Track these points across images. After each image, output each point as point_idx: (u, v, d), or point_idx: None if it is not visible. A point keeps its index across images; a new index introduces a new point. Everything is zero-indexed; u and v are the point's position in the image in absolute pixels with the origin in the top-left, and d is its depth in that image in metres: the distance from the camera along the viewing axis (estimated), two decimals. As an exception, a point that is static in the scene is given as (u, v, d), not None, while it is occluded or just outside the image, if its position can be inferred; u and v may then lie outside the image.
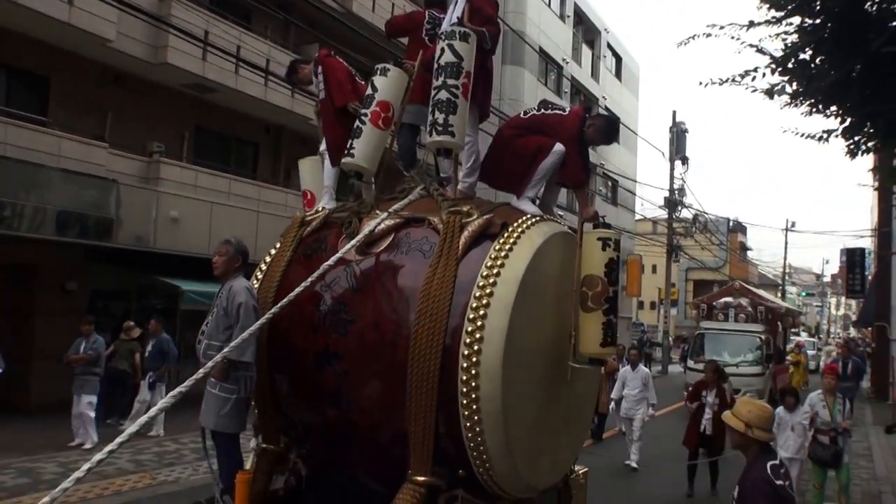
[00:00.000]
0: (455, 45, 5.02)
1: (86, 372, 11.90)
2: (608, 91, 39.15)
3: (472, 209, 5.04)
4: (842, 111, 9.41)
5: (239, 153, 20.30)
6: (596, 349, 5.09)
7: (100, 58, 15.30)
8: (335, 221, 5.50)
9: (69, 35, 13.99)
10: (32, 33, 13.99)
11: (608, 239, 5.19)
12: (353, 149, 5.29)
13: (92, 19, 13.73)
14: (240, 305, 4.86)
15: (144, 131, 16.68)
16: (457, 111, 4.99)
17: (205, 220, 15.28)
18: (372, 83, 5.44)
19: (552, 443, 5.42)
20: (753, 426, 4.57)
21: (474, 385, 4.44)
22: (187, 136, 18.11)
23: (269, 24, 19.00)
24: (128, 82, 16.28)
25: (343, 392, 4.88)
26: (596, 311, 5.08)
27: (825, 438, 9.56)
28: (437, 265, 4.71)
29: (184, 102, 17.53)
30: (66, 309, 14.53)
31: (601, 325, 5.07)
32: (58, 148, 13.56)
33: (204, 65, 16.10)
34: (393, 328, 4.77)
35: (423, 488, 4.58)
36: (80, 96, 15.52)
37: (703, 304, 23.95)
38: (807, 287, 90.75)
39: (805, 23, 8.83)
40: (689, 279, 61.02)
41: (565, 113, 5.71)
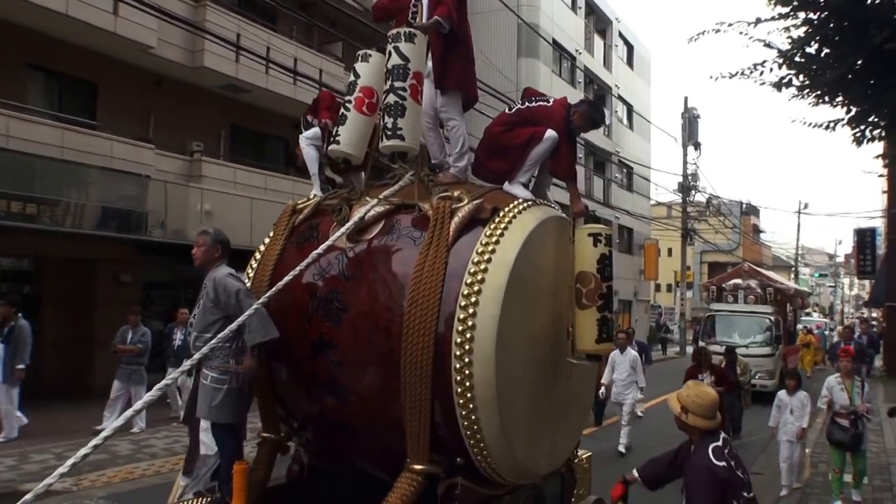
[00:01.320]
0: (401, 47, 4.93)
1: (132, 362, 12.19)
2: (620, 80, 39.08)
3: (462, 194, 4.95)
4: (847, 101, 9.59)
5: (271, 149, 20.98)
6: (592, 346, 5.07)
7: (142, 63, 16.08)
8: (326, 209, 5.41)
9: (115, 43, 14.82)
10: (82, 43, 14.75)
11: (599, 234, 5.14)
12: (339, 136, 5.23)
13: (135, 28, 14.59)
14: (237, 292, 4.78)
15: (184, 131, 17.49)
16: (405, 114, 4.88)
17: (245, 214, 15.77)
18: (354, 70, 5.39)
19: (551, 428, 5.34)
20: (690, 411, 4.45)
21: (468, 372, 4.36)
22: (223, 135, 18.98)
23: (294, 26, 19.72)
24: (167, 85, 17.02)
25: (338, 381, 4.81)
26: (590, 308, 5.06)
27: (844, 421, 9.32)
28: (428, 252, 4.61)
29: (219, 103, 18.34)
30: (121, 300, 15.23)
31: (595, 321, 5.04)
32: (110, 150, 14.45)
33: (237, 67, 16.92)
34: (386, 316, 4.68)
35: (421, 477, 4.53)
36: (125, 100, 16.35)
37: (712, 286, 23.77)
38: (820, 268, 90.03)
39: (810, 17, 9.03)
40: (703, 262, 61.14)
41: (550, 104, 5.65)
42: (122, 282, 16.33)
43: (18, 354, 11.20)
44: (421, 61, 5.00)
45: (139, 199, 14.30)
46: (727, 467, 4.24)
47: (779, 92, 9.57)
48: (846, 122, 9.84)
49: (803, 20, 9.15)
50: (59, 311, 15.78)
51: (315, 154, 5.98)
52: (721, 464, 4.24)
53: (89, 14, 13.72)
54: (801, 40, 9.24)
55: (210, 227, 5.31)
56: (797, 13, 9.12)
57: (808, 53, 9.35)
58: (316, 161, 5.98)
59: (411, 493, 4.47)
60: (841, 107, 9.76)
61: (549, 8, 30.89)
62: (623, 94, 39.24)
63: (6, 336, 11.21)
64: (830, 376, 10.03)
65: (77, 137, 14.05)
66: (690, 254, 40.57)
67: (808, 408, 10.15)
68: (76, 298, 15.84)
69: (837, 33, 8.91)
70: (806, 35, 9.19)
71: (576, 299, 5.08)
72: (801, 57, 9.40)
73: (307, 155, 6.04)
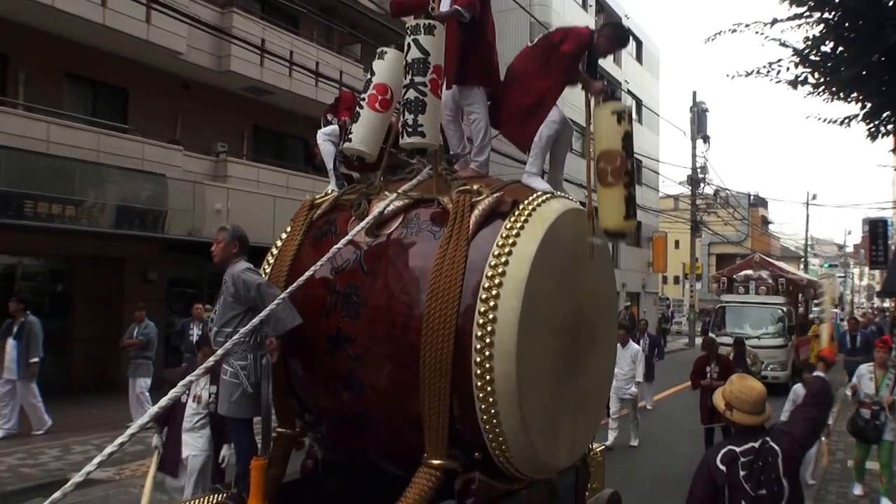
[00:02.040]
0: (420, 40, 4.78)
1: (138, 356, 12.30)
2: (630, 75, 39.22)
3: (482, 188, 4.87)
4: (862, 97, 9.59)
5: (292, 149, 21.40)
6: (619, 222, 5.08)
7: (171, 69, 16.61)
8: (344, 204, 5.33)
9: (147, 50, 15.39)
10: (116, 51, 15.32)
11: (622, 111, 5.09)
12: (352, 133, 5.19)
13: (166, 35, 15.12)
14: (258, 286, 4.73)
15: (209, 133, 18.03)
16: (426, 110, 4.77)
17: (268, 212, 16.16)
18: (371, 69, 5.35)
19: (569, 421, 5.24)
20: (734, 407, 4.14)
21: (488, 366, 4.30)
22: (246, 136, 19.47)
23: (315, 28, 20.21)
24: (194, 89, 17.58)
25: (356, 375, 4.74)
26: (617, 184, 5.04)
27: (867, 412, 9.06)
28: (448, 245, 4.52)
29: (242, 105, 18.83)
30: (148, 296, 15.71)
31: (623, 198, 5.05)
32: (141, 152, 15.02)
33: (261, 70, 17.42)
34: (404, 310, 4.61)
35: (439, 472, 4.46)
36: (155, 104, 16.91)
37: (723, 277, 23.46)
38: (829, 258, 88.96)
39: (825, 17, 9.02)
40: (711, 253, 61.02)
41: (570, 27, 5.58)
42: (149, 279, 16.76)
43: (31, 349, 11.28)
44: (441, 54, 4.88)
45: (165, 198, 14.70)
46: (723, 472, 4.00)
47: (794, 90, 9.62)
48: (861, 118, 9.86)
49: (818, 19, 9.17)
50: (90, 309, 16.25)
51: (332, 150, 5.96)
52: (721, 468, 4.01)
53: (124, 23, 14.29)
54: (816, 39, 9.28)
55: (228, 223, 5.33)
56: (812, 13, 9.15)
57: (824, 52, 9.37)
58: (332, 157, 5.96)
59: (429, 489, 4.41)
60: (855, 102, 9.76)
61: (560, 6, 31.20)
62: (632, 88, 39.28)
63: (17, 333, 11.31)
64: (863, 365, 9.71)
65: (111, 141, 14.62)
66: (698, 246, 40.50)
67: None
68: (106, 296, 16.30)
69: (853, 32, 8.92)
70: (821, 34, 9.23)
71: (600, 178, 5.08)
72: (817, 55, 9.43)
73: (324, 150, 6.03)
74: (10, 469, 9.53)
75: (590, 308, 5.40)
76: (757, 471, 3.97)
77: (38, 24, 13.92)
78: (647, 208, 39.50)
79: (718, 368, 10.81)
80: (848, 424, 9.48)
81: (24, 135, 12.92)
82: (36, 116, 13.63)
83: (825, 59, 9.37)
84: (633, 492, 8.09)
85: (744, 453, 4.00)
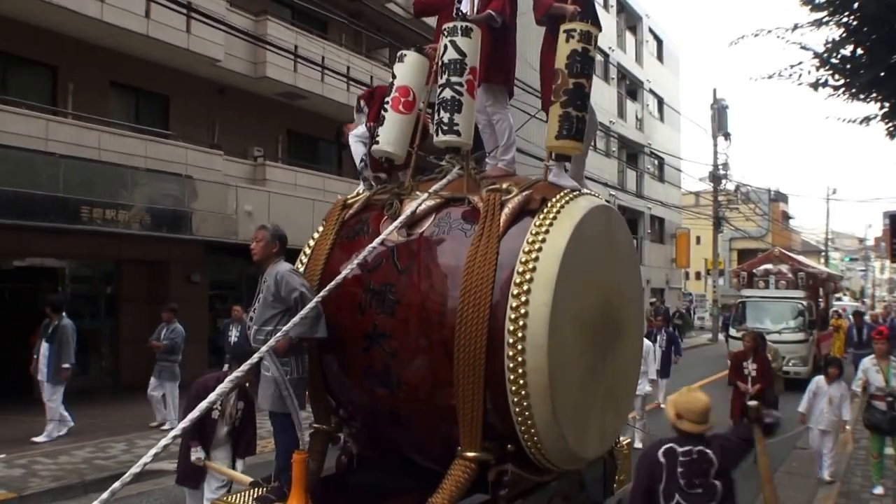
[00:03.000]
0: (458, 41, 4.91)
1: (164, 359, 12.21)
2: (651, 74, 39.35)
3: (510, 186, 4.94)
4: (881, 98, 9.65)
5: (324, 152, 21.71)
6: (552, 142, 5.10)
7: (209, 76, 17.04)
8: (376, 203, 5.42)
9: (187, 58, 15.82)
10: (158, 59, 15.79)
11: (572, 30, 5.04)
12: (378, 136, 5.29)
13: (205, 44, 15.54)
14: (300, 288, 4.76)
15: (245, 137, 18.35)
16: (462, 109, 4.88)
17: (307, 215, 16.37)
18: (392, 72, 5.44)
19: (598, 413, 5.30)
20: (683, 417, 4.43)
21: (521, 360, 4.37)
22: (280, 140, 19.84)
23: (344, 33, 20.59)
24: (230, 95, 17.95)
25: (391, 371, 4.81)
26: (555, 103, 5.02)
27: (881, 404, 8.96)
28: (479, 243, 4.60)
29: (276, 109, 19.02)
30: (192, 298, 16.22)
31: (557, 116, 5.01)
32: (185, 157, 15.43)
33: (295, 76, 17.77)
34: (439, 306, 4.68)
35: (474, 464, 4.54)
36: (193, 110, 17.34)
37: (742, 272, 23.15)
38: (850, 252, 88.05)
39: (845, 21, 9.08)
40: (733, 249, 60.84)
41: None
42: (192, 281, 17.10)
43: (63, 353, 11.18)
44: (476, 56, 4.96)
45: (209, 202, 15.08)
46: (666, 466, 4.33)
47: (815, 91, 9.68)
48: (880, 118, 9.97)
49: (837, 21, 9.26)
50: (136, 311, 16.51)
51: (363, 150, 5.99)
52: (662, 460, 4.34)
53: (166, 34, 14.77)
54: (836, 43, 9.40)
55: (268, 222, 5.33)
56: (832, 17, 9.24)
57: (844, 55, 9.46)
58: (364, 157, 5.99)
59: (465, 480, 4.51)
60: (875, 102, 9.85)
61: None
62: (654, 87, 39.30)
63: (51, 336, 11.23)
64: (866, 358, 9.72)
65: (157, 147, 15.12)
66: (720, 241, 40.46)
67: (848, 400, 9.68)
68: (151, 298, 16.49)
69: (871, 37, 9.05)
70: (841, 38, 9.34)
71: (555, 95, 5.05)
72: (837, 58, 9.51)
73: (355, 152, 6.08)
74: (85, 461, 10.02)
75: (617, 302, 5.47)
76: (692, 472, 4.32)
77: (86, 36, 14.42)
78: (670, 205, 39.67)
79: (756, 366, 10.47)
80: (863, 419, 9.38)
81: (78, 143, 13.38)
82: (88, 125, 14.06)
83: (845, 61, 9.47)
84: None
85: (683, 454, 4.33)
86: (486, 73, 5.29)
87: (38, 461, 9.86)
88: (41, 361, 11.09)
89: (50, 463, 9.82)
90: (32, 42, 14.03)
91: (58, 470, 9.49)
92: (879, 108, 9.87)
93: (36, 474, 9.27)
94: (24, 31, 13.70)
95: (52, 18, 13.58)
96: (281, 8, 18.92)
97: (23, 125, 12.75)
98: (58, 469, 9.53)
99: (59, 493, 8.82)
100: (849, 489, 9.35)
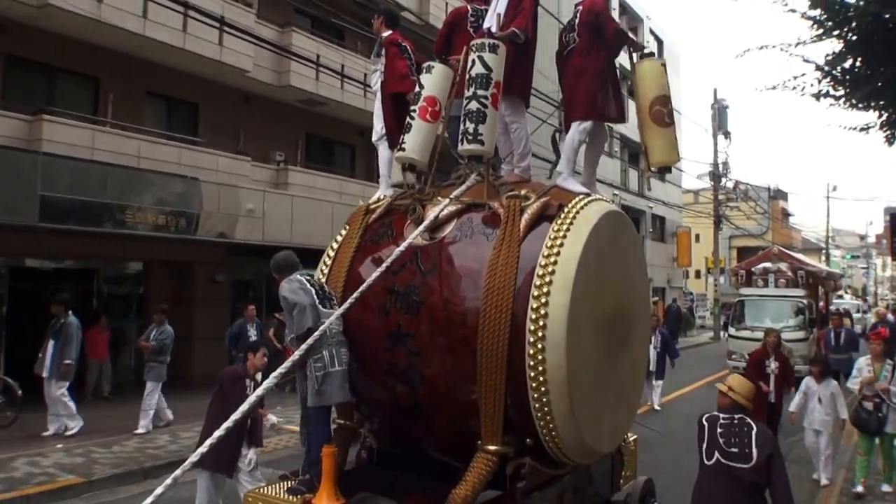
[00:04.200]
0: (485, 57, 5.16)
1: (152, 359, 12.33)
2: (653, 74, 40.32)
3: (528, 192, 5.15)
4: (880, 107, 10.18)
5: (340, 155, 22.55)
6: (671, 157, 5.82)
7: (237, 84, 17.90)
8: (397, 208, 5.62)
9: (218, 69, 16.66)
10: (192, 70, 16.66)
11: (664, 64, 5.99)
12: (405, 143, 5.45)
13: (236, 55, 16.40)
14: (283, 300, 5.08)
15: (267, 142, 19.12)
16: (486, 120, 5.10)
17: (327, 217, 17.13)
18: (419, 81, 5.61)
19: (611, 409, 5.48)
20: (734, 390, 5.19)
21: (541, 357, 4.55)
22: (300, 144, 20.58)
23: (359, 41, 21.48)
24: (254, 102, 18.80)
25: (415, 369, 4.99)
26: (671, 125, 5.75)
27: (869, 404, 9.01)
28: (501, 247, 4.80)
29: (296, 115, 19.81)
30: (216, 297, 17.08)
31: (675, 135, 5.86)
32: (216, 164, 16.27)
33: (317, 84, 18.61)
34: (461, 307, 4.86)
35: (496, 457, 4.72)
36: (220, 117, 18.14)
37: (741, 270, 22.90)
38: (851, 249, 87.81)
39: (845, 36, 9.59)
40: (732, 247, 60.23)
41: None
42: (216, 281, 17.79)
43: (66, 350, 11.42)
44: (500, 72, 5.20)
45: (236, 206, 15.83)
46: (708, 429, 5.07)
47: (818, 101, 10.19)
48: (879, 127, 10.52)
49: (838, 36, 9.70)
50: None
51: (389, 156, 6.16)
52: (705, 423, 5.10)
53: (201, 47, 15.64)
54: (836, 57, 9.86)
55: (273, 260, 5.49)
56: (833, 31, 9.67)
57: (844, 67, 9.90)
58: (388, 163, 6.20)
59: (487, 472, 4.70)
60: (874, 111, 10.30)
61: None
62: None
63: (56, 333, 11.48)
64: (861, 357, 9.80)
65: (190, 154, 15.96)
66: (719, 239, 40.94)
67: (842, 398, 9.63)
68: (178, 297, 17.21)
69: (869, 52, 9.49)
70: (841, 52, 9.80)
71: (659, 119, 5.75)
72: (838, 71, 9.96)
73: (382, 156, 6.23)
74: (137, 450, 10.89)
75: (627, 302, 5.70)
76: (731, 433, 4.99)
77: (126, 49, 15.24)
78: (672, 204, 40.16)
79: (778, 364, 10.30)
80: (851, 417, 9.33)
81: (120, 151, 14.26)
82: (129, 134, 14.88)
83: (845, 73, 9.91)
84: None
85: (725, 419, 5.06)
86: (507, 85, 5.47)
87: (93, 450, 10.61)
88: (46, 358, 11.35)
89: (106, 452, 10.58)
90: (78, 55, 14.84)
91: (114, 458, 10.26)
92: (878, 118, 10.34)
93: (96, 462, 10.03)
94: (70, 45, 14.51)
95: (97, 33, 14.41)
96: (301, 18, 19.61)
97: (72, 135, 13.58)
98: (114, 457, 10.30)
99: (122, 478, 9.59)
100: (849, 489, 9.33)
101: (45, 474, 9.45)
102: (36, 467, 9.75)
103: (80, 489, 9.13)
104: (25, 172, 12.01)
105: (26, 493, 8.71)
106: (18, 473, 9.45)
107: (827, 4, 9.40)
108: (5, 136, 12.88)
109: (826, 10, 9.42)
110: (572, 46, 5.84)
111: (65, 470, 9.65)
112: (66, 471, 9.61)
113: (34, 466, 9.79)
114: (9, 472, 9.48)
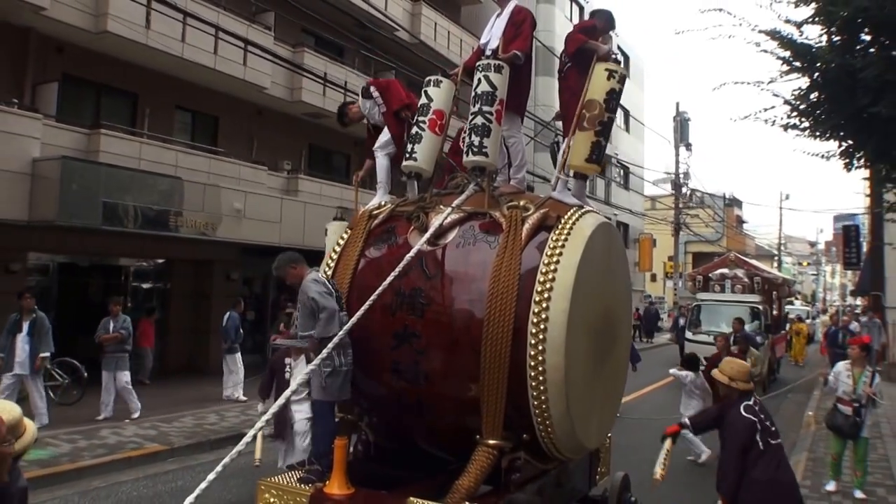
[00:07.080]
0: (490, 76, 5.35)
1: (118, 350, 12.38)
2: (619, 87, 42.00)
3: (527, 203, 5.31)
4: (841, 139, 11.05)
5: (337, 163, 24.04)
6: (581, 163, 5.60)
7: (253, 99, 19.49)
8: (400, 215, 5.75)
9: (240, 87, 18.32)
10: (217, 87, 18.28)
11: (613, 70, 5.65)
12: (415, 153, 5.60)
13: (257, 74, 18.01)
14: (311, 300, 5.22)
15: (275, 152, 20.60)
16: (490, 134, 5.26)
17: None
18: (426, 94, 5.74)
19: (598, 408, 5.68)
20: (736, 379, 5.53)
21: (541, 358, 4.73)
22: (304, 154, 22.11)
23: (356, 57, 22.39)
24: (266, 115, 20.39)
25: (419, 367, 5.14)
26: (589, 131, 5.54)
27: (847, 409, 9.00)
28: (504, 254, 4.95)
29: (301, 126, 21.43)
30: (230, 293, 18.27)
31: (590, 143, 5.56)
32: (238, 173, 17.78)
33: (324, 99, 20.14)
34: (466, 310, 5.02)
35: (496, 450, 4.88)
36: (236, 129, 19.65)
37: (698, 275, 23.21)
38: (802, 256, 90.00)
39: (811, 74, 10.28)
40: (688, 252, 60.42)
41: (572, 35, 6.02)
42: (231, 278, 19.19)
43: (42, 344, 11.37)
44: (504, 90, 5.39)
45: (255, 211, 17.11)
46: (754, 420, 5.30)
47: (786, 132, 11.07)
48: (839, 156, 11.41)
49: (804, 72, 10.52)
50: (184, 304, 18.86)
51: (387, 164, 6.29)
52: (749, 416, 5.29)
53: (229, 67, 17.23)
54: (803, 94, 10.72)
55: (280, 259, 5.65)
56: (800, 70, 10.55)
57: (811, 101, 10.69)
58: (386, 170, 6.32)
59: (488, 465, 4.87)
60: (834, 140, 11.11)
61: (561, 31, 34.21)
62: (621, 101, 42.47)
63: (29, 329, 11.35)
64: (840, 362, 9.70)
65: (218, 164, 17.45)
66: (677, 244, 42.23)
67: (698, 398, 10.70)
68: (197, 293, 18.91)
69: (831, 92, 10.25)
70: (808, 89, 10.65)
71: (578, 122, 5.59)
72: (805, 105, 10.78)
73: (380, 164, 6.36)
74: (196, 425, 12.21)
75: (614, 308, 5.93)
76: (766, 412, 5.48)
77: (163, 69, 16.80)
78: (637, 212, 41.29)
79: None
80: (826, 419, 9.42)
81: (160, 161, 15.72)
82: (167, 146, 16.34)
83: (810, 107, 10.69)
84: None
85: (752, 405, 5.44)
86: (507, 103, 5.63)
87: (158, 426, 11.90)
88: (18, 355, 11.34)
89: (170, 427, 11.83)
90: (122, 74, 16.44)
91: (180, 432, 11.53)
92: (838, 147, 11.13)
93: (167, 434, 11.28)
94: (117, 65, 16.24)
95: (143, 55, 15.98)
96: (307, 36, 21.01)
97: (124, 147, 15.21)
98: (179, 431, 11.55)
99: (195, 448, 10.90)
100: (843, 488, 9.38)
101: (132, 442, 10.76)
102: (122, 437, 11.09)
103: (164, 455, 10.52)
104: (90, 181, 13.42)
105: (128, 456, 10.15)
106: (111, 441, 10.79)
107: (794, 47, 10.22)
108: (65, 147, 14.15)
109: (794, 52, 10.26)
110: (567, 67, 6.11)
111: (147, 439, 10.98)
112: (148, 440, 10.96)
113: (119, 436, 11.13)
114: (101, 439, 10.85)
